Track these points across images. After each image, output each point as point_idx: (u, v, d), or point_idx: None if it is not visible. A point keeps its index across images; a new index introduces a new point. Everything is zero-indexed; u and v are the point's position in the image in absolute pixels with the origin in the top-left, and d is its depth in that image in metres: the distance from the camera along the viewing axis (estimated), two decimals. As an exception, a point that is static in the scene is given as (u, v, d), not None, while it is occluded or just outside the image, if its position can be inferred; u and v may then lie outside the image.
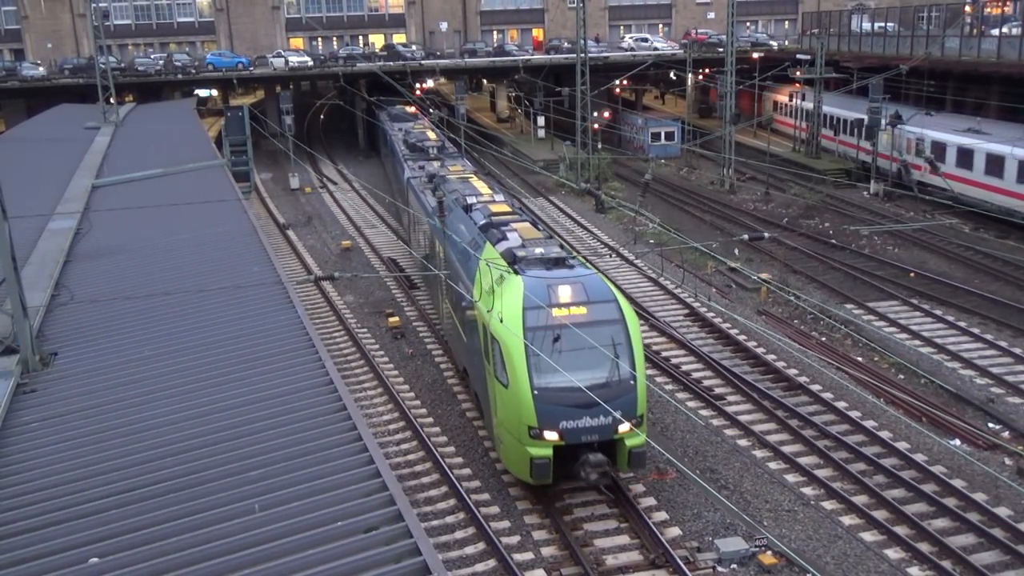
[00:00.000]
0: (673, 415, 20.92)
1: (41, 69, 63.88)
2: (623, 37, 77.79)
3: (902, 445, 19.42)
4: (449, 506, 17.46)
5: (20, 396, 13.75)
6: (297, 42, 78.78)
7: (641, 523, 16.40)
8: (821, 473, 18.37)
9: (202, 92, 67.08)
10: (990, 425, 20.59)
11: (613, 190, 47.19)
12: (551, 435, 16.06)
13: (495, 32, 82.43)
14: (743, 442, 19.81)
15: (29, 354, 14.65)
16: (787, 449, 19.39)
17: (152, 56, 68.37)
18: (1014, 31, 43.80)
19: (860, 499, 17.44)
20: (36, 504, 10.74)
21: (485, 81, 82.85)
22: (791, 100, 56.95)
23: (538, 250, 18.71)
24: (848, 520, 16.82)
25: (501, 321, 16.66)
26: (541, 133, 60.82)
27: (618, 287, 21.60)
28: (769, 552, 15.69)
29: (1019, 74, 40.71)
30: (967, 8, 49.42)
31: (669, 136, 58.17)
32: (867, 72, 47.73)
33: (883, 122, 44.35)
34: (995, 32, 45.27)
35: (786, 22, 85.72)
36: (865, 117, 45.64)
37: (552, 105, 58.01)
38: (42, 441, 12.30)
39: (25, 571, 9.45)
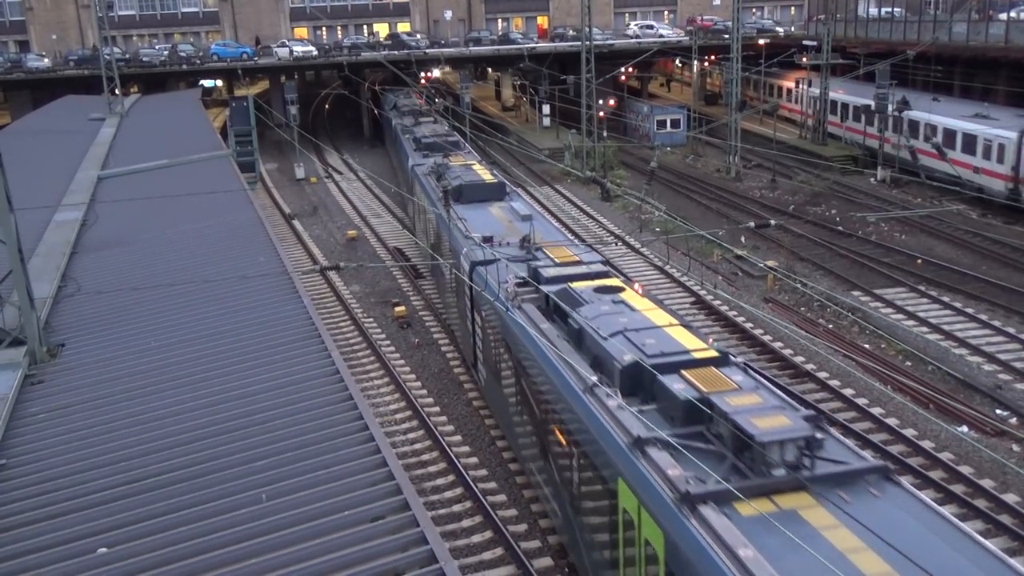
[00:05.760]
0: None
1: (46, 61, 63.88)
2: (628, 24, 77.52)
3: (909, 432, 19.37)
4: (456, 495, 17.48)
5: (28, 387, 13.81)
6: (301, 32, 78.67)
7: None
8: (828, 460, 18.32)
9: (207, 83, 67.07)
10: (998, 412, 20.51)
11: (619, 178, 47.06)
12: None
13: (500, 20, 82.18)
14: (750, 430, 19.77)
15: (36, 345, 14.70)
16: (794, 437, 19.34)
17: (156, 47, 68.35)
18: (1022, 16, 43.50)
19: (867, 486, 17.40)
20: (44, 495, 10.79)
21: (490, 70, 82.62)
22: (798, 86, 56.68)
23: None
24: (855, 507, 16.79)
25: None
26: (546, 121, 60.65)
27: (624, 275, 20.74)
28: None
29: (1027, 59, 40.46)
30: None
31: (675, 124, 57.96)
32: (874, 58, 47.45)
33: (890, 108, 44.11)
34: (1003, 16, 44.98)
35: (792, 8, 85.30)
36: (872, 103, 45.42)
37: (557, 93, 57.82)
38: (50, 432, 12.35)
39: (34, 561, 9.49)
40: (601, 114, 53.17)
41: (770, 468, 9.75)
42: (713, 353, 12.41)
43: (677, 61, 75.29)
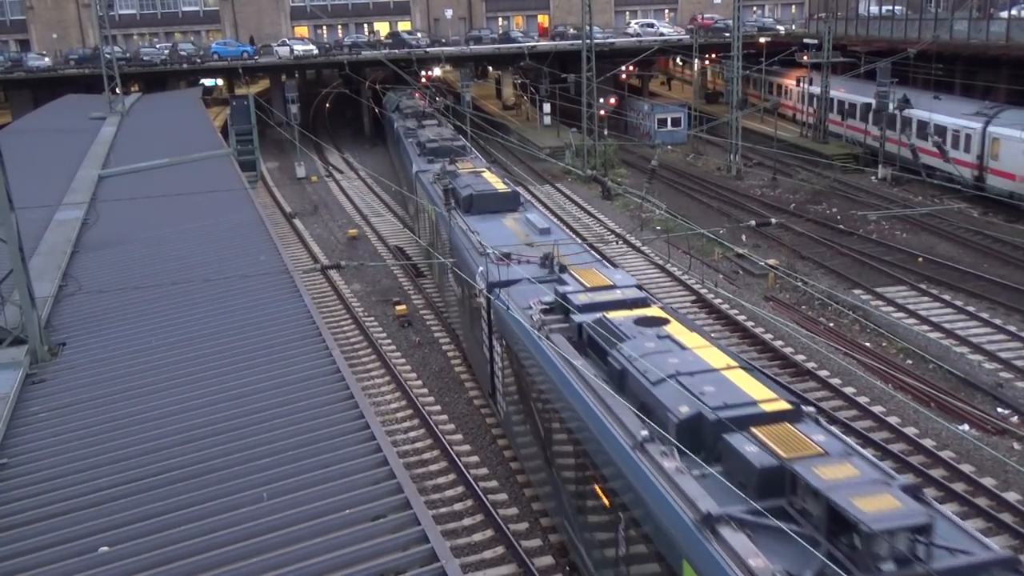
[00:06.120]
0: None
1: (47, 60, 63.91)
2: (629, 23, 77.51)
3: (910, 430, 19.37)
4: (457, 493, 17.48)
5: (29, 386, 13.83)
6: (302, 30, 78.67)
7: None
8: (829, 459, 18.31)
9: (207, 82, 67.10)
10: (999, 410, 20.51)
11: (619, 177, 47.06)
12: None
13: (500, 19, 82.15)
14: (751, 428, 19.76)
15: (37, 344, 14.72)
16: (795, 435, 19.33)
17: (157, 46, 68.39)
18: (1023, 14, 43.45)
19: (868, 485, 17.39)
20: (45, 494, 10.80)
21: (491, 68, 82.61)
22: (798, 85, 56.68)
23: None
24: (856, 506, 16.77)
25: None
26: (547, 120, 60.65)
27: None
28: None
29: (1028, 57, 40.43)
30: None
31: (675, 122, 57.97)
32: (875, 56, 47.46)
33: (890, 106, 44.12)
34: (1004, 15, 44.92)
35: (793, 6, 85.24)
36: (873, 101, 45.40)
37: (558, 92, 57.82)
38: (51, 431, 12.37)
39: (35, 560, 9.50)
40: (602, 112, 53.13)
41: (878, 561, 8.03)
42: (784, 405, 10.68)
43: (678, 59, 75.20)
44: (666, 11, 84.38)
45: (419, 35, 70.00)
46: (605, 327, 13.34)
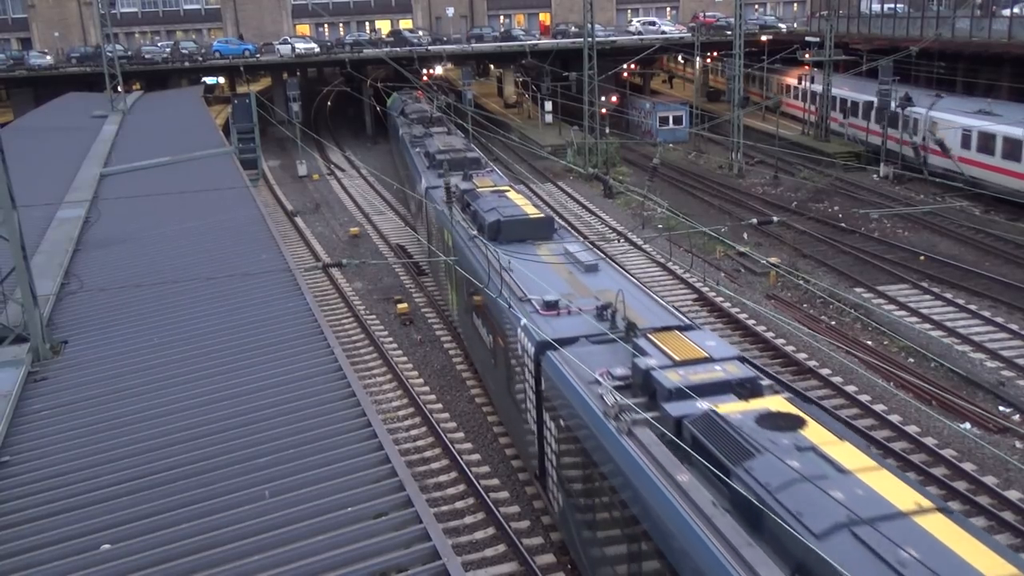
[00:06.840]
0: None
1: (48, 58, 63.95)
2: (630, 21, 77.50)
3: (912, 429, 19.37)
4: (459, 491, 17.50)
5: (31, 384, 13.84)
6: (304, 29, 78.68)
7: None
8: (831, 457, 18.30)
9: (209, 80, 67.14)
10: (1001, 408, 20.50)
11: (621, 175, 47.04)
12: None
13: (502, 17, 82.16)
14: (752, 426, 19.74)
15: (39, 342, 14.73)
16: (796, 433, 19.31)
17: (159, 44, 68.43)
18: (1025, 11, 43.42)
19: (870, 483, 17.37)
20: (47, 492, 10.82)
21: (492, 66, 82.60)
22: (800, 83, 56.63)
23: None
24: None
25: None
26: (548, 118, 60.65)
27: (627, 272, 20.58)
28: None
29: (1030, 55, 40.43)
30: None
31: (677, 120, 57.93)
32: (877, 54, 47.40)
33: (892, 104, 44.14)
34: (1006, 12, 44.86)
35: (795, 4, 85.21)
36: (875, 100, 45.38)
37: (559, 90, 57.80)
38: (53, 429, 12.38)
39: (37, 558, 9.52)
40: (603, 111, 53.10)
41: None
42: None
43: (680, 58, 75.17)
44: (668, 9, 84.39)
45: (421, 33, 70.02)
46: (719, 429, 9.66)
